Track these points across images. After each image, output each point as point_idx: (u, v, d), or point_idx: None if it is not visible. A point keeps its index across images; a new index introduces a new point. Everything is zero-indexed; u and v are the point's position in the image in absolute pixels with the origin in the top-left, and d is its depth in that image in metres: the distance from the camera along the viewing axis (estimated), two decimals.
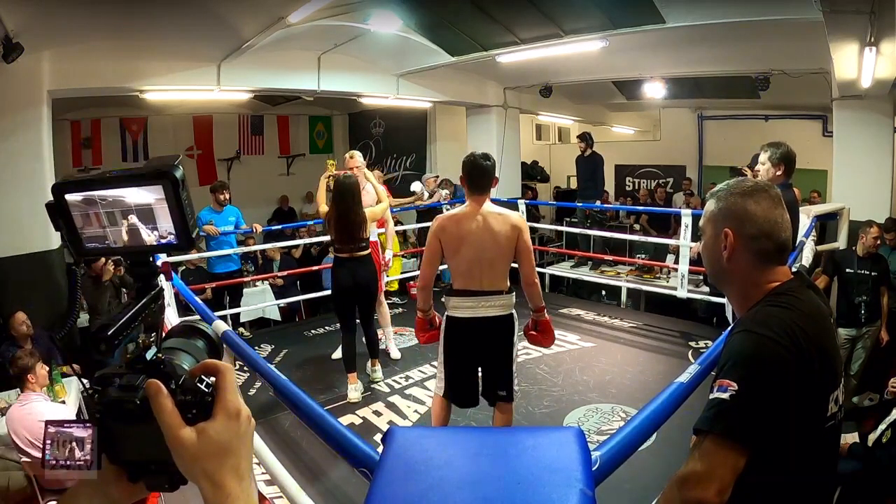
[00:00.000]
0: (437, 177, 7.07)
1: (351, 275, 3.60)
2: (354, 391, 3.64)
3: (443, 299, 2.59)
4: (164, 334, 0.66)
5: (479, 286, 2.48)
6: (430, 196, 6.54)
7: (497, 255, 2.48)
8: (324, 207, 3.76)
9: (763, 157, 3.01)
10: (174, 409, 0.53)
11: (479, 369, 2.59)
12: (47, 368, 3.29)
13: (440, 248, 2.53)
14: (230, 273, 5.30)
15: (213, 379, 0.57)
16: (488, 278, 2.48)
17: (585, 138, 6.66)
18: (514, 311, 2.57)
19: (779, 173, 2.95)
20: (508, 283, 2.56)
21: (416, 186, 6.60)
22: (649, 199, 8.89)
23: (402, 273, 6.43)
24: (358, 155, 4.12)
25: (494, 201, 2.62)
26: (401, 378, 3.95)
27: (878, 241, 4.24)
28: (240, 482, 0.53)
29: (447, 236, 2.50)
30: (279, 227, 7.91)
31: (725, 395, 0.97)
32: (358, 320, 3.76)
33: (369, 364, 3.87)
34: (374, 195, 3.99)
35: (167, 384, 0.54)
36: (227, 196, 5.10)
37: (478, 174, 2.51)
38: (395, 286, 6.11)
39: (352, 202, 3.52)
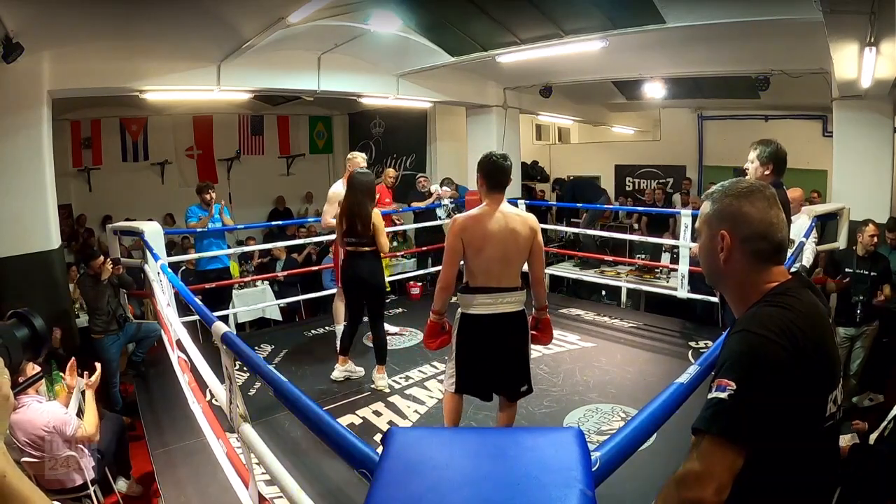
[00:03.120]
0: (425, 177, 7.15)
1: (355, 269, 3.72)
2: (339, 372, 3.86)
3: (455, 298, 2.58)
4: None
5: (497, 283, 2.50)
6: (430, 195, 6.54)
7: (517, 254, 2.51)
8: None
9: (752, 154, 2.95)
10: None
11: (498, 366, 2.57)
12: (37, 368, 3.27)
13: (462, 248, 2.51)
14: (217, 270, 5.32)
15: None
16: (506, 276, 2.51)
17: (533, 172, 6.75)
18: (524, 308, 2.59)
19: (767, 172, 2.90)
20: (520, 281, 2.58)
21: (434, 187, 6.67)
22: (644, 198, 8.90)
23: (402, 273, 6.45)
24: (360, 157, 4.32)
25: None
26: (401, 378, 3.95)
27: (875, 240, 4.24)
28: None
29: (469, 235, 2.49)
30: (280, 223, 7.96)
31: (723, 395, 0.97)
32: (366, 318, 3.81)
33: (375, 371, 3.81)
34: None
35: None
36: (213, 195, 5.21)
37: (499, 174, 2.51)
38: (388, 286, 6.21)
39: (361, 196, 3.64)
